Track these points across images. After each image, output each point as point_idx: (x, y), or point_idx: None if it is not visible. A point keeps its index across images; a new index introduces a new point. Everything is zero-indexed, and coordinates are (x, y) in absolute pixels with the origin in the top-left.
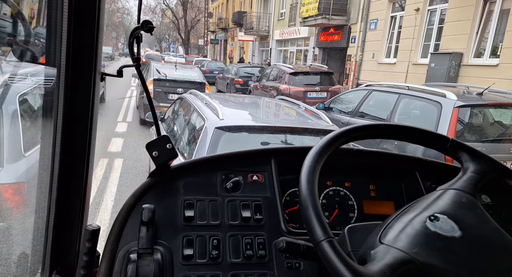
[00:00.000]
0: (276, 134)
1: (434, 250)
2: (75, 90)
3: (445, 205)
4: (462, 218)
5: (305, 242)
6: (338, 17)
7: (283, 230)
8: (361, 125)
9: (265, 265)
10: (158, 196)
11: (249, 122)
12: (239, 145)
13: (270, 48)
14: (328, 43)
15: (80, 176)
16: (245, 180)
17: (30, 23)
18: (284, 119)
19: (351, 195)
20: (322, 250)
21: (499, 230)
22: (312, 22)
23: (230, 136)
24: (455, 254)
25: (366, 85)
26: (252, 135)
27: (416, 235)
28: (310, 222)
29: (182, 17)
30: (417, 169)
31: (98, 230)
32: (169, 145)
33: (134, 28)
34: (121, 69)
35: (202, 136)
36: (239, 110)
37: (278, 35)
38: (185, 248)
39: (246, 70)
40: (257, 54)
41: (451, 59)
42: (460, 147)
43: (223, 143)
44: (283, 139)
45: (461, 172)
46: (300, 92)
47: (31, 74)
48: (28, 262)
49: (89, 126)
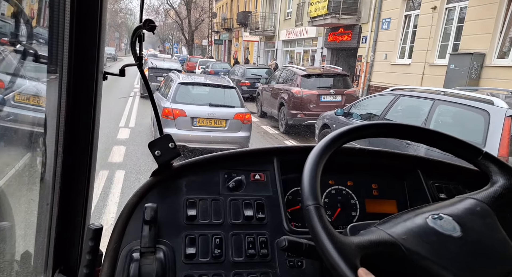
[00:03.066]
0: (204, 86)
1: (425, 242)
2: (78, 89)
3: (456, 209)
4: (468, 222)
5: (307, 241)
6: (348, 17)
7: (285, 229)
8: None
9: (268, 264)
10: (161, 195)
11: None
12: (187, 90)
13: (276, 49)
14: (337, 43)
15: (83, 175)
16: (248, 179)
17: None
18: (211, 81)
19: (353, 194)
20: (307, 214)
21: (507, 242)
22: (321, 21)
23: (184, 87)
24: (446, 250)
25: (393, 89)
26: (194, 87)
27: (412, 227)
28: (303, 188)
29: (186, 17)
30: (420, 168)
31: (101, 229)
32: (172, 144)
33: (136, 27)
34: (124, 68)
35: (173, 87)
36: (191, 78)
37: (284, 35)
38: (188, 247)
39: (253, 72)
40: (262, 55)
41: (473, 60)
42: (492, 160)
43: (181, 90)
44: (207, 88)
45: (488, 184)
46: (313, 96)
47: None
48: (31, 261)
49: (92, 125)
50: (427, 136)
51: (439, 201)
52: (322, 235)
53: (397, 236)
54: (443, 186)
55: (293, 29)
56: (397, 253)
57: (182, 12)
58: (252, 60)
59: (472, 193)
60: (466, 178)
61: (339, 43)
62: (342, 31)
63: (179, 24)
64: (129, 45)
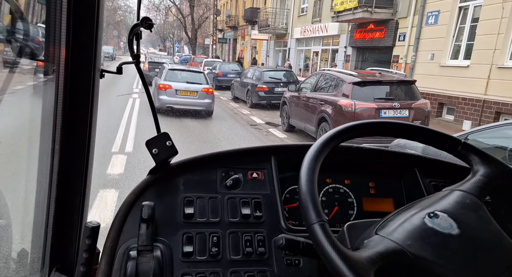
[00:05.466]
0: (184, 71)
1: (428, 244)
2: (75, 86)
3: (448, 205)
4: (462, 217)
5: (304, 239)
6: (383, 10)
7: (282, 227)
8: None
9: (265, 262)
10: (158, 193)
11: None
12: (173, 73)
13: (289, 48)
14: (365, 41)
15: (80, 172)
16: (245, 178)
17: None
18: (188, 68)
19: (350, 193)
20: (313, 232)
21: (500, 232)
22: (349, 16)
23: (172, 71)
24: (449, 250)
25: None
26: (178, 71)
27: (412, 229)
28: (305, 206)
29: (189, 14)
30: (417, 166)
31: (98, 227)
32: (169, 142)
33: (133, 25)
34: (121, 65)
35: (165, 71)
36: (177, 66)
37: (299, 33)
38: (185, 245)
39: (271, 75)
40: (272, 55)
41: None
42: (472, 150)
43: (169, 73)
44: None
45: (470, 174)
46: (370, 110)
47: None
48: (27, 259)
49: (89, 122)
50: (409, 131)
51: None
52: (333, 255)
53: (402, 242)
54: (440, 185)
55: (309, 26)
56: (404, 261)
57: (183, 8)
58: (260, 60)
59: (457, 185)
60: (463, 176)
61: (368, 41)
62: (373, 28)
63: (182, 22)
64: None
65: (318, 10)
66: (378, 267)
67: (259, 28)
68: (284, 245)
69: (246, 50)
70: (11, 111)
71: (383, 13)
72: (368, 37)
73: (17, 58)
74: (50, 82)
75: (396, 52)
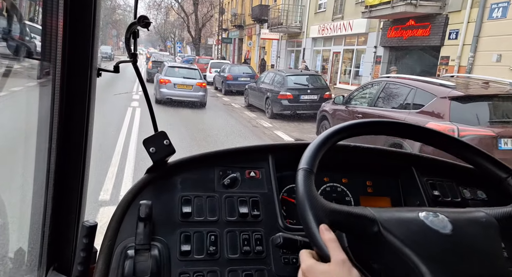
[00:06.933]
0: (181, 68)
1: (406, 227)
2: (71, 85)
3: (457, 214)
4: (464, 227)
5: (302, 238)
6: (430, 3)
7: (280, 226)
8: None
9: (262, 261)
10: (156, 192)
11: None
12: (172, 69)
13: (304, 48)
14: (403, 40)
15: (77, 171)
16: (243, 177)
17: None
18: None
19: (348, 191)
20: (298, 175)
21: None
22: (387, 11)
23: (171, 68)
24: (424, 238)
25: None
26: (176, 68)
27: (400, 215)
28: (306, 152)
29: (192, 12)
30: (414, 165)
31: (95, 226)
32: (167, 141)
33: (130, 24)
34: (118, 64)
35: (165, 68)
36: (175, 63)
37: (316, 31)
38: (183, 244)
39: (295, 80)
40: (283, 56)
41: None
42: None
43: (169, 70)
44: (182, 69)
45: (510, 206)
46: (485, 139)
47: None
48: (25, 258)
49: (86, 122)
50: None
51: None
52: (303, 194)
53: (380, 216)
54: (437, 183)
55: (329, 23)
56: (372, 229)
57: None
58: (269, 62)
59: (488, 208)
60: (460, 175)
61: (407, 40)
62: (414, 24)
63: (185, 21)
64: None
65: (339, 6)
66: (337, 220)
67: (271, 27)
68: (281, 244)
69: (253, 51)
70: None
71: (429, 6)
72: (406, 35)
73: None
74: (47, 81)
75: (446, 53)
